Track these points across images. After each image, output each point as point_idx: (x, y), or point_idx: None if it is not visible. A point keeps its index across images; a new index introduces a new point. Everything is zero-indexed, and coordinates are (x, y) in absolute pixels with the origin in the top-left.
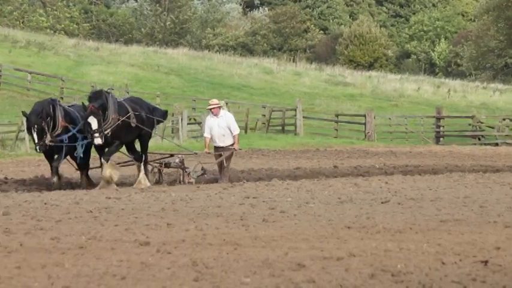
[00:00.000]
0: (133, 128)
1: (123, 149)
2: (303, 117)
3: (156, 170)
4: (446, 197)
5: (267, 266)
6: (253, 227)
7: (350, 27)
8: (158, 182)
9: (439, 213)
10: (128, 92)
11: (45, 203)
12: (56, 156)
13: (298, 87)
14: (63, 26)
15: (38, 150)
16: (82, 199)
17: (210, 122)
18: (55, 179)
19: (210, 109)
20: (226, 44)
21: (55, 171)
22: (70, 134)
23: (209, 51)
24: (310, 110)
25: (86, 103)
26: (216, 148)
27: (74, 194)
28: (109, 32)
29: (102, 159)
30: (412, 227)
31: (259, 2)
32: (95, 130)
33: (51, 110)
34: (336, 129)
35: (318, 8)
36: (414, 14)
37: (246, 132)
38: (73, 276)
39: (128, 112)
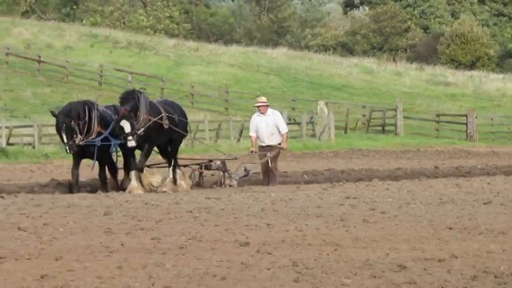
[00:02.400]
0: (165, 130)
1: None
2: (404, 117)
3: (196, 172)
4: None
5: (368, 267)
6: (354, 228)
7: (451, 26)
8: (199, 185)
9: None
10: (227, 92)
11: (145, 203)
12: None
13: (399, 87)
14: (163, 26)
15: (68, 151)
16: (182, 199)
17: (256, 120)
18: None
19: (258, 107)
20: (325, 44)
21: (104, 182)
22: (103, 136)
23: (309, 51)
24: (410, 110)
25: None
26: (263, 147)
27: (174, 194)
28: (208, 32)
29: (133, 171)
30: None
31: (359, 2)
32: (128, 133)
33: (86, 113)
34: (437, 130)
35: (419, 7)
36: None
37: (345, 132)
38: (173, 276)
39: (160, 113)
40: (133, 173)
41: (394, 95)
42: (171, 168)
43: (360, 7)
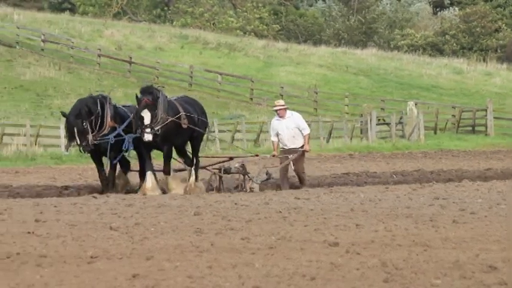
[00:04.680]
0: (184, 129)
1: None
2: (494, 117)
3: (214, 177)
4: None
5: (458, 268)
6: (443, 228)
7: None
8: (218, 190)
9: None
10: (316, 93)
11: (235, 203)
12: (107, 163)
13: (489, 87)
14: (252, 27)
15: (83, 152)
16: (272, 199)
17: (276, 124)
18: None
19: (276, 110)
20: (415, 44)
21: (111, 183)
22: (116, 132)
23: (398, 51)
24: (501, 110)
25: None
26: (285, 151)
27: (263, 194)
28: (298, 32)
29: (164, 175)
30: None
31: (449, 2)
32: (146, 125)
33: (99, 108)
34: None
35: (510, 7)
36: None
37: (435, 132)
38: (263, 276)
39: (179, 112)
40: (148, 174)
41: (484, 95)
42: (192, 168)
43: (450, 7)
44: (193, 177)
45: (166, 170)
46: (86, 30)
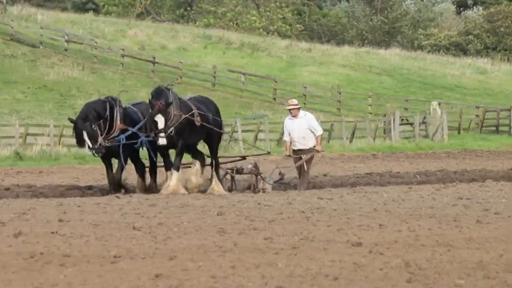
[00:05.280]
0: (197, 127)
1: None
2: None
3: (228, 177)
4: None
5: (481, 268)
6: (467, 229)
7: None
8: (231, 190)
9: None
10: (339, 93)
11: (258, 203)
12: (118, 164)
13: None
14: (276, 27)
15: (96, 155)
16: (295, 199)
17: (288, 123)
18: (121, 193)
19: (289, 110)
20: (438, 44)
21: (117, 184)
22: (128, 133)
23: (421, 51)
24: None
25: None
26: (296, 152)
27: (286, 194)
28: (321, 32)
29: (173, 170)
30: None
31: (473, 2)
32: (160, 130)
33: (108, 111)
34: None
35: None
36: None
37: (459, 132)
38: (286, 276)
39: (191, 110)
40: (174, 173)
41: (509, 95)
42: (213, 170)
43: (474, 7)
44: (215, 179)
45: (176, 166)
46: (109, 31)
